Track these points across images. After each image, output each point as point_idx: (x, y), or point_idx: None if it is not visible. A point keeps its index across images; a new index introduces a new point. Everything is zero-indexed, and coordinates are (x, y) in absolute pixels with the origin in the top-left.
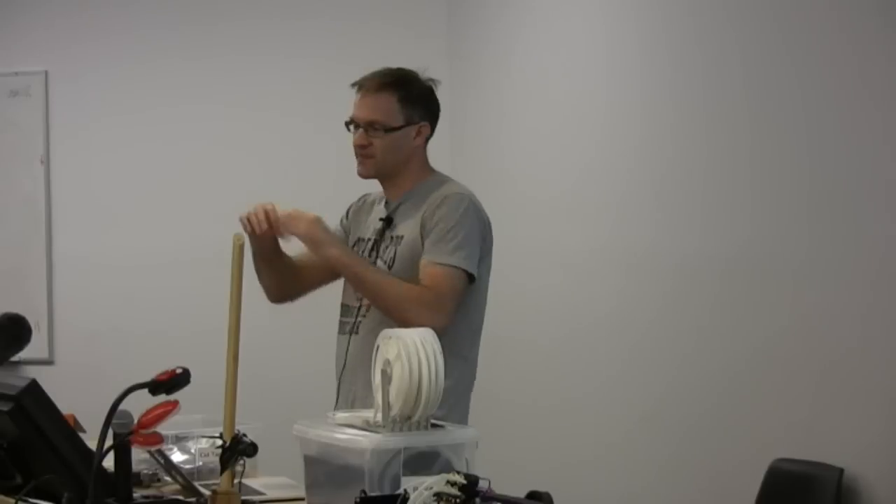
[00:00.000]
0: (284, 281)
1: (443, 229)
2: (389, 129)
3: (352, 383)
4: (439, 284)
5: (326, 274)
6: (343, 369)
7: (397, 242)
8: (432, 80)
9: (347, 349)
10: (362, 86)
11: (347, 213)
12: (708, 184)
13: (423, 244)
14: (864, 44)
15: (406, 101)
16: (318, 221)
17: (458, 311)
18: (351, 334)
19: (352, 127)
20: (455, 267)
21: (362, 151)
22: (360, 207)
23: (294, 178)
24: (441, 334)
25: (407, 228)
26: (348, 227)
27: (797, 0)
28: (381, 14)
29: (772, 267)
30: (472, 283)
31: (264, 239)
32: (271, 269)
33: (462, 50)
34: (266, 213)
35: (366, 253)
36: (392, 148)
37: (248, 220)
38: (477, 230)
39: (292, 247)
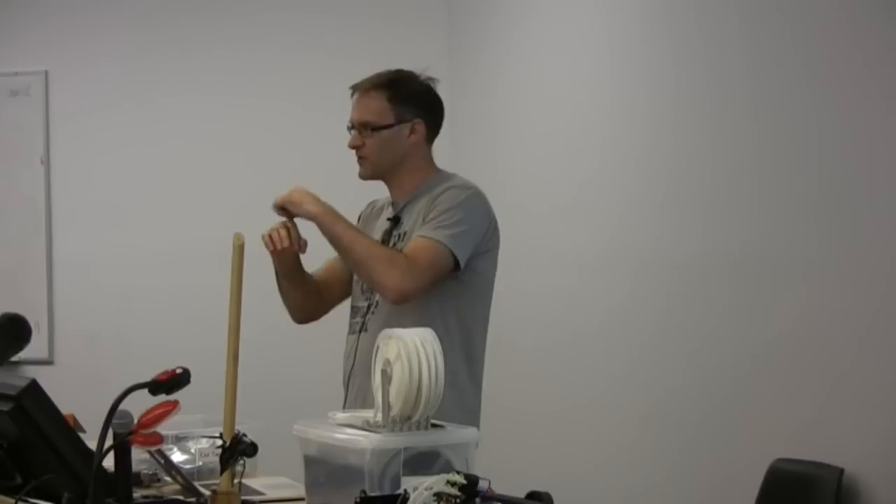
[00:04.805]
0: (308, 299)
1: (439, 210)
2: (378, 128)
3: (362, 381)
4: (416, 253)
5: (346, 287)
6: (352, 367)
7: (404, 239)
8: (431, 78)
9: (357, 347)
10: (357, 88)
11: (358, 220)
12: (712, 184)
13: None
14: (872, 43)
15: (396, 99)
16: (299, 188)
17: (433, 287)
18: (360, 333)
19: (352, 130)
20: (439, 242)
21: (357, 153)
22: (370, 214)
23: (295, 177)
24: (410, 307)
25: (411, 223)
26: None
27: None
28: (381, 13)
29: (773, 268)
30: (456, 270)
31: (286, 256)
32: (294, 287)
33: (462, 49)
34: (287, 229)
35: None
36: (383, 147)
37: (270, 237)
38: (477, 219)
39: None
